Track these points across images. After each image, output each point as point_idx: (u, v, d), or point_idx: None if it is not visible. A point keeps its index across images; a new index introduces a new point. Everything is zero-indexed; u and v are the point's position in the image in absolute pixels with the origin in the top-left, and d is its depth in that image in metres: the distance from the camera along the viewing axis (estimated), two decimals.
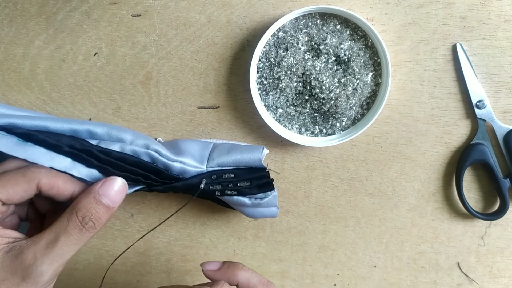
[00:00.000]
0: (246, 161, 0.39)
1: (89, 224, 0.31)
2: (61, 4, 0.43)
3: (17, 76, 0.44)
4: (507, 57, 0.41)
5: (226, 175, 0.39)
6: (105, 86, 0.44)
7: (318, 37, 0.40)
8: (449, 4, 0.41)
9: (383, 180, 0.44)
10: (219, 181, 0.39)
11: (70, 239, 0.31)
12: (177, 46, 0.43)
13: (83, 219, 0.31)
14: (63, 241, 0.30)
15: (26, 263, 0.29)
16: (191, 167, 0.39)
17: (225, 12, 0.42)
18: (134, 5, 0.43)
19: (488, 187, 0.44)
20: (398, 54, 0.42)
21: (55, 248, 0.30)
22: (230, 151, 0.39)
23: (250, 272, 0.35)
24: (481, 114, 0.42)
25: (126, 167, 0.37)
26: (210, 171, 0.39)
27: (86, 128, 0.38)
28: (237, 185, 0.39)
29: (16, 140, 0.36)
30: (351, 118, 0.42)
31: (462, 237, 0.44)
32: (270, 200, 0.40)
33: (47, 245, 0.30)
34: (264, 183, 0.39)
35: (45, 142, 0.36)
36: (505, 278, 0.45)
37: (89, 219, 0.31)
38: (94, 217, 0.32)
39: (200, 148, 0.40)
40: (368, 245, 0.45)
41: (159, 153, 0.38)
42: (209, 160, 0.39)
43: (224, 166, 0.39)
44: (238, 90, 0.44)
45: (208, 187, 0.39)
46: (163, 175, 0.38)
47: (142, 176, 0.38)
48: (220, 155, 0.39)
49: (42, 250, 0.30)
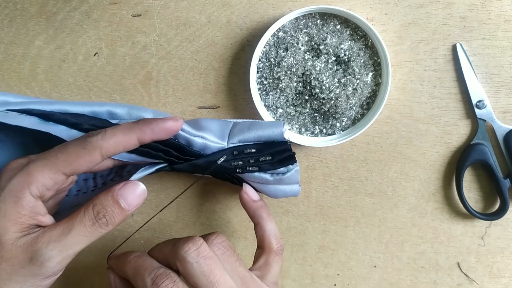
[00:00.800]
0: (268, 136, 0.39)
1: (102, 221, 0.32)
2: (61, 4, 0.43)
3: (17, 76, 0.44)
4: (507, 57, 0.41)
5: (247, 150, 0.38)
6: (105, 86, 0.44)
7: (318, 37, 0.40)
8: (449, 4, 0.41)
9: (383, 180, 0.44)
10: (241, 157, 0.38)
11: (83, 230, 0.31)
12: (177, 46, 0.43)
13: (97, 214, 0.32)
14: (75, 231, 0.31)
15: (38, 246, 0.30)
16: (212, 143, 0.38)
17: (225, 12, 0.42)
18: (134, 5, 0.43)
19: (488, 187, 0.44)
20: (398, 54, 0.42)
21: (67, 237, 0.31)
22: (250, 127, 0.39)
23: (274, 225, 0.39)
24: (481, 114, 0.42)
25: None
26: (231, 147, 0.38)
27: (106, 109, 0.38)
28: (259, 160, 0.38)
29: (37, 119, 0.36)
30: (351, 118, 0.42)
31: (462, 237, 0.44)
32: (292, 175, 0.39)
33: (61, 232, 0.31)
34: (286, 156, 0.38)
35: (66, 121, 0.36)
36: (505, 278, 0.45)
37: (103, 215, 0.32)
38: (108, 215, 0.32)
39: (220, 125, 0.40)
40: (368, 245, 0.45)
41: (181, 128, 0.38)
42: (230, 136, 0.39)
43: (245, 142, 0.39)
44: (238, 90, 0.44)
45: (229, 164, 0.38)
46: (185, 151, 0.38)
47: (163, 152, 0.37)
48: (241, 131, 0.39)
49: (55, 236, 0.30)
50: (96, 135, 0.32)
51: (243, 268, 0.34)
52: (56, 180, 0.31)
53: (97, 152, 0.32)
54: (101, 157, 0.32)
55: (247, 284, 0.33)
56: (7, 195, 0.30)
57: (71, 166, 0.31)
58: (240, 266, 0.34)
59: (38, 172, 0.31)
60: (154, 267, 0.32)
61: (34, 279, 0.30)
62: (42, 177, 0.31)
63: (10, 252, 0.30)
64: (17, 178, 0.31)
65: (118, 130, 0.33)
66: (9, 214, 0.30)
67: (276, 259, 0.38)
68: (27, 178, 0.30)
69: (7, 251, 0.30)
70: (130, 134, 0.33)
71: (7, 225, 0.30)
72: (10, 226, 0.30)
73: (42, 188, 0.31)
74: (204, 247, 0.32)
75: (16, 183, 0.30)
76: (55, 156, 0.31)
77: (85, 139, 0.32)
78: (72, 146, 0.32)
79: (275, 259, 0.37)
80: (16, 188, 0.30)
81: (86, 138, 0.32)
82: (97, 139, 0.32)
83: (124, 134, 0.33)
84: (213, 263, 0.32)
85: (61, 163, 0.31)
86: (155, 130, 0.34)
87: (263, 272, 0.37)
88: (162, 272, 0.31)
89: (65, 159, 0.31)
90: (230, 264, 0.33)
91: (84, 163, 0.32)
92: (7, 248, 0.30)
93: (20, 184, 0.30)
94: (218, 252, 0.33)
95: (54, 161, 0.31)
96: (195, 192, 0.45)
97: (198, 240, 0.32)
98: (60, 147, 0.32)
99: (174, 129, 0.35)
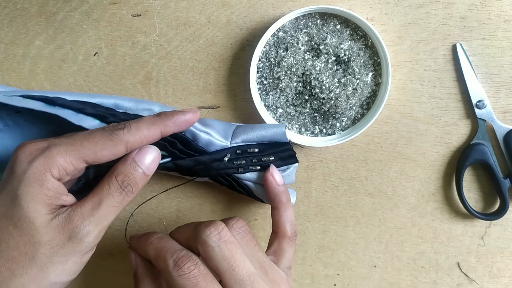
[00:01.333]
0: (270, 136, 0.39)
1: (128, 188, 0.32)
2: (61, 4, 0.43)
3: (17, 76, 0.44)
4: (507, 57, 0.41)
5: (250, 149, 0.39)
6: (105, 86, 0.44)
7: (318, 37, 0.40)
8: (449, 4, 0.41)
9: (383, 180, 0.44)
10: (244, 156, 0.39)
11: (112, 201, 0.32)
12: (177, 46, 0.43)
13: (122, 183, 0.32)
14: (106, 203, 0.31)
15: (74, 223, 0.30)
16: (217, 140, 0.39)
17: (225, 12, 0.42)
18: (134, 5, 0.43)
19: (488, 187, 0.44)
20: (398, 54, 0.42)
21: (99, 210, 0.31)
22: (253, 128, 0.40)
23: (291, 212, 0.39)
24: (481, 114, 0.42)
25: None
26: (234, 146, 0.39)
27: (113, 102, 0.39)
28: (262, 159, 0.39)
29: (43, 103, 0.36)
30: (351, 118, 0.42)
31: (462, 237, 0.44)
32: (291, 171, 0.40)
33: (92, 207, 0.31)
34: (287, 155, 0.39)
35: (71, 107, 0.36)
36: (505, 278, 0.45)
37: (128, 183, 0.32)
38: (132, 182, 0.33)
39: (224, 126, 0.41)
40: (368, 245, 0.45)
41: None
42: (233, 136, 0.39)
43: (248, 142, 0.39)
44: (238, 90, 0.44)
45: (232, 163, 0.39)
46: (190, 146, 0.38)
47: (169, 143, 0.37)
48: (244, 132, 0.39)
49: (88, 212, 0.31)
50: (122, 128, 0.33)
51: (261, 254, 0.35)
52: (77, 167, 0.31)
53: (123, 145, 0.32)
54: (126, 150, 0.33)
55: (265, 269, 0.34)
56: (32, 178, 0.30)
57: (95, 156, 0.32)
58: (259, 251, 0.34)
59: (61, 156, 0.31)
60: (176, 249, 0.32)
61: (75, 256, 0.31)
62: (64, 161, 0.31)
63: (46, 235, 0.30)
64: (38, 160, 0.30)
65: (143, 124, 0.34)
66: (37, 197, 0.30)
67: (290, 244, 0.38)
68: (49, 161, 0.30)
69: (43, 235, 0.30)
70: (154, 128, 0.34)
71: (38, 207, 0.30)
72: (41, 208, 0.30)
73: (63, 172, 0.31)
74: (225, 232, 0.32)
75: (38, 165, 0.30)
76: (80, 143, 0.31)
77: (112, 131, 0.32)
78: (99, 136, 0.32)
79: (289, 244, 0.38)
80: (39, 170, 0.30)
81: (112, 130, 0.32)
82: (124, 132, 0.32)
83: (148, 128, 0.34)
84: (234, 248, 0.32)
85: (86, 151, 0.31)
86: (177, 123, 0.35)
87: (278, 257, 0.37)
88: (184, 254, 0.32)
89: (90, 148, 0.31)
90: (250, 249, 0.34)
91: (108, 154, 0.32)
92: (42, 231, 0.30)
93: (42, 167, 0.30)
94: (238, 236, 0.34)
95: (78, 148, 0.31)
96: (195, 192, 0.45)
97: (220, 225, 0.33)
98: (85, 134, 0.32)
99: (193, 121, 0.36)
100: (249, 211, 0.45)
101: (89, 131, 0.33)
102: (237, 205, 0.46)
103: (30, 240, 0.30)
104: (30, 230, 0.30)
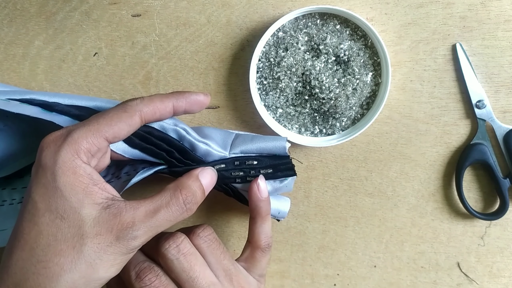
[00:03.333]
0: (270, 149, 0.39)
1: (189, 206, 0.32)
2: (61, 4, 0.43)
3: (17, 76, 0.44)
4: (506, 57, 0.41)
5: (249, 161, 0.38)
6: (104, 86, 0.44)
7: (318, 37, 0.40)
8: (448, 4, 0.41)
9: (383, 180, 0.44)
10: (242, 167, 0.38)
11: (169, 214, 0.31)
12: (176, 46, 0.43)
13: (186, 199, 0.32)
14: (162, 214, 0.31)
15: (124, 224, 0.30)
16: (215, 151, 0.38)
17: (224, 12, 0.42)
18: (134, 5, 0.43)
19: (488, 187, 0.44)
20: (397, 54, 0.42)
21: (153, 219, 0.30)
22: (253, 139, 0.39)
23: (268, 225, 0.38)
24: (481, 114, 0.42)
25: (152, 139, 0.36)
26: (233, 157, 0.38)
27: (110, 107, 0.38)
28: (260, 172, 0.39)
29: (40, 109, 0.36)
30: (351, 118, 0.42)
31: (462, 237, 0.44)
32: (289, 182, 0.40)
33: (146, 213, 0.30)
34: (286, 168, 0.39)
35: (69, 113, 0.36)
36: (505, 278, 0.45)
37: (191, 200, 0.32)
38: (194, 200, 0.32)
39: (223, 135, 0.40)
40: (368, 245, 0.45)
41: (186, 131, 0.37)
42: (232, 147, 0.39)
43: (247, 153, 0.39)
44: (238, 90, 0.44)
45: (230, 174, 0.38)
46: (188, 156, 0.37)
47: (166, 152, 0.37)
48: (243, 142, 0.39)
49: (140, 217, 0.30)
50: (135, 100, 0.33)
51: (228, 261, 0.35)
52: (99, 145, 0.31)
53: (137, 115, 0.32)
54: (141, 121, 0.33)
55: (230, 277, 0.34)
56: (64, 168, 0.29)
57: (113, 130, 0.31)
58: (225, 259, 0.35)
59: (83, 138, 0.30)
60: (139, 261, 0.33)
61: (122, 256, 0.30)
62: (87, 142, 0.30)
63: (94, 229, 0.29)
64: (65, 149, 0.30)
65: (155, 97, 0.34)
66: (76, 186, 0.29)
67: (263, 255, 0.38)
68: (74, 146, 0.30)
69: (90, 228, 0.29)
70: (167, 101, 0.34)
71: (79, 197, 0.29)
72: (83, 198, 0.29)
73: (88, 154, 0.30)
74: (184, 244, 0.33)
75: (65, 153, 0.29)
76: (96, 122, 0.31)
77: (125, 104, 0.32)
78: (114, 111, 0.32)
79: (262, 255, 0.38)
80: (68, 158, 0.29)
81: (126, 103, 0.33)
82: (137, 103, 0.32)
83: (161, 101, 0.33)
84: (193, 259, 0.33)
85: (103, 127, 0.31)
86: (188, 100, 0.35)
87: (249, 264, 0.37)
88: (146, 266, 0.32)
89: (107, 123, 0.31)
90: (215, 256, 0.34)
91: (125, 126, 0.32)
92: (89, 223, 0.29)
93: (71, 154, 0.29)
94: (204, 245, 0.34)
95: (96, 126, 0.31)
96: None
97: (179, 237, 0.33)
98: (100, 113, 0.32)
99: (205, 103, 0.36)
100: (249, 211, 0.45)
101: (103, 111, 0.33)
102: (236, 205, 0.46)
103: (78, 232, 0.29)
104: (77, 221, 0.29)
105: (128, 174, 0.42)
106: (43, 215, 0.29)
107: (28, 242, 0.29)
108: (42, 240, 0.29)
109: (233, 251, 0.46)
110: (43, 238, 0.29)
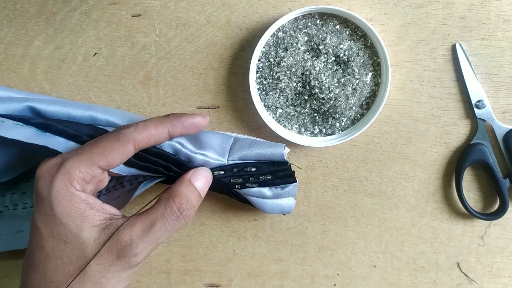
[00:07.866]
0: (268, 156, 0.39)
1: (185, 213, 0.32)
2: (60, 4, 0.43)
3: (17, 76, 0.44)
4: (506, 57, 0.41)
5: (247, 168, 0.39)
6: (104, 86, 0.44)
7: (318, 37, 0.40)
8: (448, 4, 0.41)
9: (382, 180, 0.44)
10: (240, 174, 0.38)
11: (166, 225, 0.31)
12: (176, 46, 0.43)
13: (180, 206, 0.32)
14: (159, 227, 0.31)
15: (123, 243, 0.30)
16: (213, 160, 0.38)
17: (224, 12, 0.43)
18: (134, 5, 0.43)
19: (487, 187, 0.44)
20: (397, 54, 0.42)
21: (150, 233, 0.31)
22: (251, 145, 0.39)
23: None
24: (481, 114, 0.42)
25: (148, 157, 0.36)
26: (231, 164, 0.39)
27: (106, 119, 0.38)
28: (258, 178, 0.39)
29: (34, 130, 0.36)
30: (351, 118, 0.42)
31: (462, 237, 0.44)
32: (290, 189, 0.40)
33: (143, 229, 0.31)
34: (285, 174, 0.39)
35: (64, 133, 0.36)
36: (505, 278, 0.45)
37: (186, 207, 0.32)
38: (190, 205, 0.33)
39: (221, 141, 0.40)
40: (367, 245, 0.45)
41: (182, 145, 0.37)
42: (230, 153, 0.39)
43: (246, 160, 0.39)
44: (238, 90, 0.44)
45: (228, 180, 0.38)
46: (185, 168, 0.37)
47: (164, 167, 0.37)
48: (241, 149, 0.39)
49: (138, 233, 0.31)
50: (128, 127, 0.33)
51: None
52: (93, 174, 0.32)
53: (130, 144, 0.32)
54: (134, 149, 0.33)
55: None
56: (59, 198, 0.30)
57: (106, 159, 0.32)
58: None
59: (76, 168, 0.31)
60: None
61: (127, 271, 0.31)
62: (80, 172, 0.31)
63: (95, 250, 0.30)
64: (58, 179, 0.31)
65: (150, 123, 0.34)
66: (73, 213, 0.30)
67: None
68: (67, 176, 0.31)
69: (92, 250, 0.30)
70: (161, 127, 0.34)
71: (77, 223, 0.30)
72: (81, 223, 0.30)
73: (82, 182, 0.31)
74: None
75: (59, 184, 0.31)
76: (89, 151, 0.32)
77: (118, 132, 0.33)
78: (106, 140, 0.32)
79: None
80: (62, 188, 0.30)
81: (119, 131, 0.33)
82: (130, 131, 0.32)
83: (156, 127, 0.33)
84: None
85: (96, 156, 0.31)
86: (185, 124, 0.35)
87: None
88: None
89: (100, 152, 0.31)
90: None
91: (118, 155, 0.32)
92: (91, 246, 0.30)
93: (64, 184, 0.31)
94: None
95: (89, 155, 0.31)
96: None
97: None
98: (93, 142, 0.33)
99: (202, 125, 0.36)
100: (249, 211, 0.45)
101: (97, 138, 0.33)
102: (236, 205, 0.46)
103: (81, 254, 0.30)
104: (79, 243, 0.30)
105: (131, 183, 0.42)
106: (47, 240, 0.31)
107: (39, 264, 0.31)
108: (51, 263, 0.31)
109: (233, 251, 0.46)
110: (51, 260, 0.31)
